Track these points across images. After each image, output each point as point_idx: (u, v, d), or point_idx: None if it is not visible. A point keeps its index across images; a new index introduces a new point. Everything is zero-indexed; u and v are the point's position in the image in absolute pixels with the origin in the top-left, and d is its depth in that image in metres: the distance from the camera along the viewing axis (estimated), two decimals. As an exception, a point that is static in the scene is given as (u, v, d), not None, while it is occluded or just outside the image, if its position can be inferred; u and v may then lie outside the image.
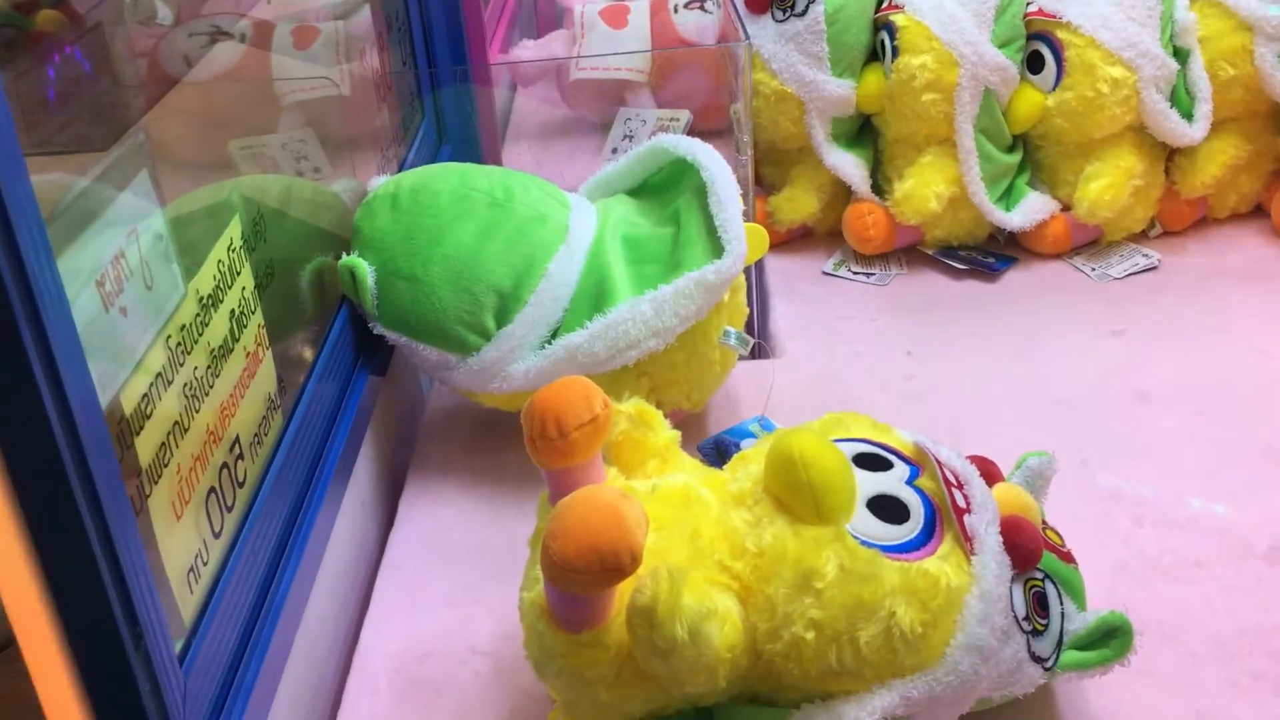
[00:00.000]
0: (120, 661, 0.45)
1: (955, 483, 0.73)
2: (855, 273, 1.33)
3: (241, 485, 0.74)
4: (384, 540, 0.98)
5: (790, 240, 1.39)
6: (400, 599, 0.92)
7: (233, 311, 0.74)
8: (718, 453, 1.02)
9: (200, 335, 0.68)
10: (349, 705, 0.82)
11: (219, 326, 0.71)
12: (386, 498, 1.04)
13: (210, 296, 0.70)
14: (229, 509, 0.71)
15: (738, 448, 1.02)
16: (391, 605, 0.91)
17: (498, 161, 1.53)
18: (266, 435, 0.79)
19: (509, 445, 1.05)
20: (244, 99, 0.98)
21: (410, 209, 1.00)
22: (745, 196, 1.25)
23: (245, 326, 0.76)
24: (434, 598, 0.91)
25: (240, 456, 0.74)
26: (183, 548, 0.64)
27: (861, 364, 1.17)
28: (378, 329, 0.99)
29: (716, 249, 0.97)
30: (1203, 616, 0.83)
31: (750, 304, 1.26)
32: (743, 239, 0.97)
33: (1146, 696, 0.77)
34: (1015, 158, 1.32)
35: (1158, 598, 0.85)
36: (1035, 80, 1.28)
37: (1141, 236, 1.35)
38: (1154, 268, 1.29)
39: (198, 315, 0.68)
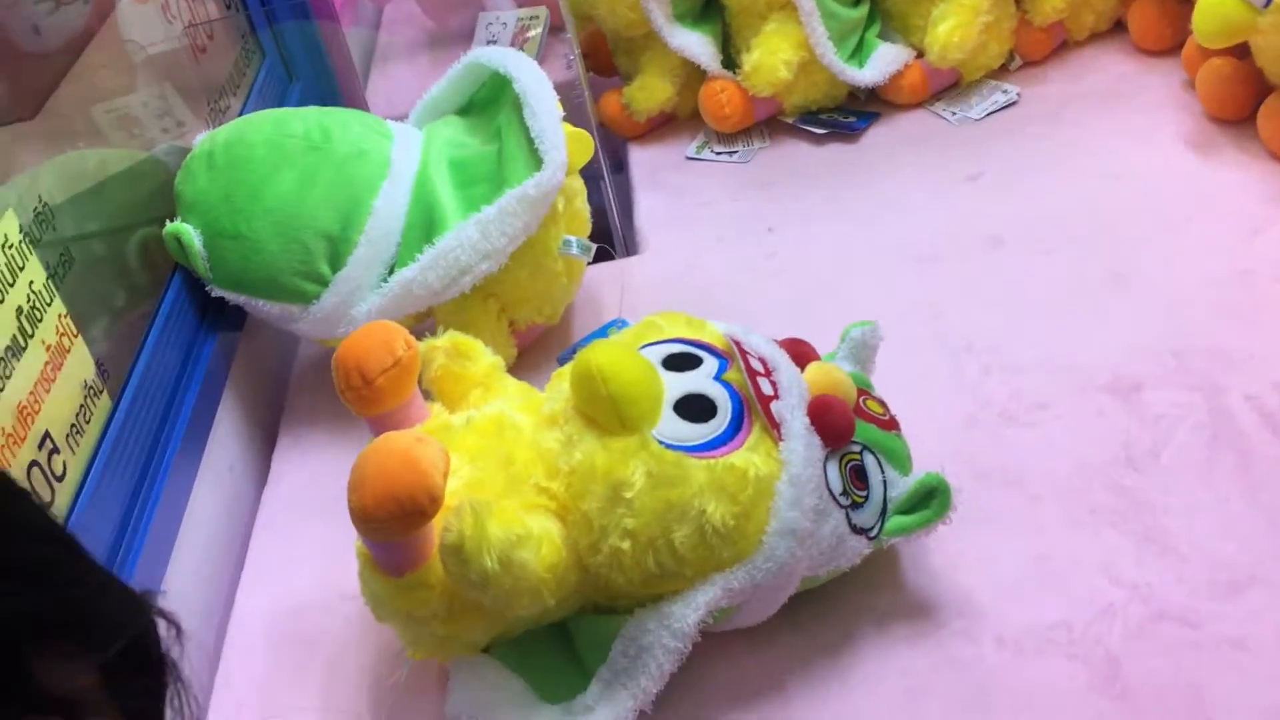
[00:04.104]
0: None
1: (762, 370, 0.73)
2: (718, 153, 1.31)
3: (61, 479, 0.74)
4: (259, 497, 0.99)
5: (652, 129, 1.37)
6: (274, 556, 0.93)
7: (19, 309, 0.73)
8: (578, 362, 1.02)
9: (-25, 342, 0.68)
10: (223, 670, 0.84)
11: (2, 328, 0.71)
12: (259, 456, 1.05)
13: (-17, 300, 0.69)
14: (48, 504, 0.72)
15: (597, 354, 1.02)
16: (265, 564, 0.92)
17: (357, 91, 1.50)
18: (88, 423, 0.79)
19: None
20: (101, 61, 0.97)
21: (227, 166, 0.98)
22: (581, 97, 1.24)
23: (40, 320, 0.75)
24: (308, 551, 0.92)
25: (55, 450, 0.74)
26: (-12, 556, 0.65)
27: (723, 249, 1.16)
28: (215, 291, 0.98)
29: (537, 161, 0.95)
30: (1046, 457, 0.85)
31: (608, 203, 1.25)
32: (561, 148, 0.95)
33: (987, 543, 0.79)
34: (861, 11, 1.29)
35: (1002, 444, 0.87)
36: (870, -72, 1.25)
37: (1003, 72, 1.33)
38: (1014, 103, 1.28)
39: (-32, 323, 0.67)
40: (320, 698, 0.80)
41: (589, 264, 1.05)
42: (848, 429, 0.73)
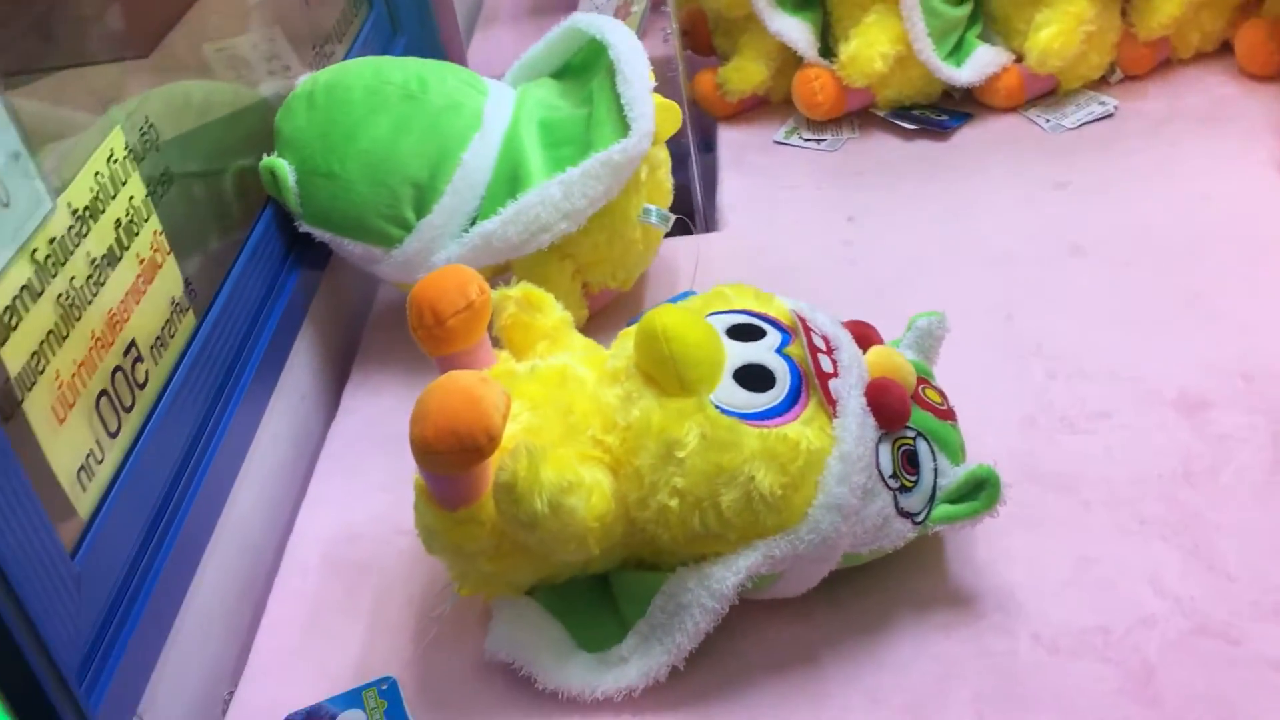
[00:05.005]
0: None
1: (824, 348, 0.74)
2: (806, 140, 1.32)
3: (142, 386, 0.77)
4: (327, 430, 1.02)
5: (744, 110, 1.38)
6: (337, 487, 0.96)
7: (119, 221, 0.76)
8: (646, 329, 1.03)
9: (76, 246, 0.71)
10: (279, 586, 0.87)
11: (100, 236, 0.74)
12: (331, 389, 1.08)
13: (87, 209, 0.73)
14: (127, 409, 0.75)
15: (666, 323, 1.03)
16: (328, 493, 0.95)
17: (459, 49, 1.53)
18: (173, 337, 0.82)
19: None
20: (216, 5, 1.00)
21: (326, 106, 1.01)
22: (675, 71, 1.25)
23: (137, 234, 0.79)
24: (369, 485, 0.95)
25: (139, 359, 0.77)
26: (69, 450, 0.68)
27: (800, 233, 1.17)
28: (303, 227, 1.02)
29: (625, 128, 0.97)
30: (1102, 465, 0.84)
31: (692, 179, 1.26)
32: (650, 116, 0.97)
33: (1033, 542, 0.79)
34: (964, 10, 1.28)
35: (1059, 449, 0.86)
36: (982, -73, 1.24)
37: (1102, 83, 1.31)
38: (1110, 115, 1.26)
39: (71, 227, 0.71)
40: (366, 621, 0.82)
41: (666, 235, 1.06)
42: (903, 413, 0.73)
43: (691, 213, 1.26)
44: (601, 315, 1.07)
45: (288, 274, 1.02)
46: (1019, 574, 0.77)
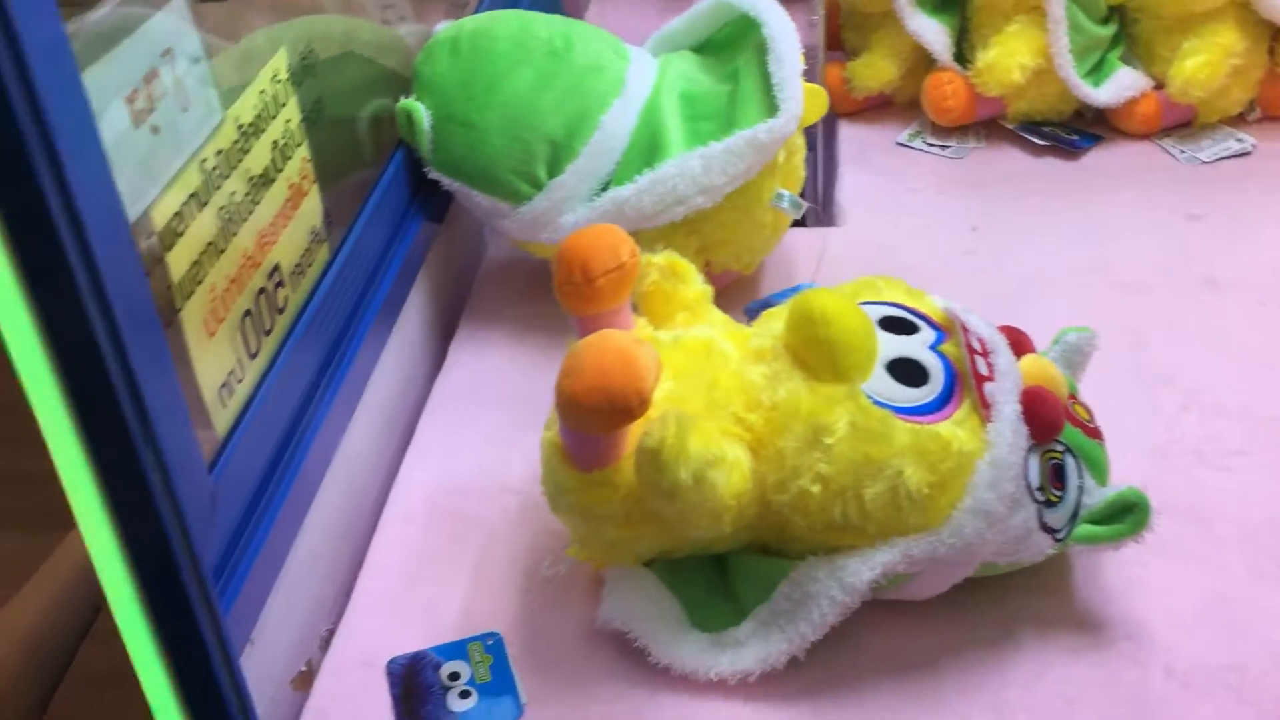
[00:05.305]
0: (128, 450, 0.48)
1: (980, 350, 0.72)
2: (930, 144, 1.30)
3: (281, 311, 0.76)
4: (431, 381, 1.01)
5: (867, 108, 1.36)
6: (440, 438, 0.95)
7: (275, 142, 0.75)
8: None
9: (239, 162, 0.70)
10: (383, 530, 0.86)
11: (259, 155, 0.73)
12: (437, 341, 1.07)
13: (251, 125, 0.72)
14: (266, 332, 0.74)
15: (784, 311, 1.01)
16: (431, 443, 0.94)
17: (579, 13, 1.52)
18: (309, 267, 0.81)
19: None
20: None
21: (469, 55, 1.00)
22: (814, 60, 1.23)
23: (289, 158, 0.78)
24: (472, 439, 0.94)
25: (280, 284, 0.76)
26: (215, 364, 0.67)
27: (924, 237, 1.15)
28: (432, 173, 1.00)
29: (772, 108, 0.95)
30: (1236, 503, 0.82)
31: (815, 170, 1.24)
32: (799, 99, 0.95)
33: (1166, 574, 0.77)
34: (1109, 30, 1.25)
35: (1193, 482, 0.84)
36: (1137, -53, 1.21)
37: (1239, 120, 1.28)
38: (1247, 153, 1.23)
39: (236, 142, 0.70)
40: (470, 574, 0.81)
41: (796, 223, 1.04)
42: (1057, 424, 0.71)
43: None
44: (717, 297, 1.05)
45: (411, 219, 1.01)
46: (1150, 604, 0.75)
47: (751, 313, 1.03)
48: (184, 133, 0.63)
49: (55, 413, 0.47)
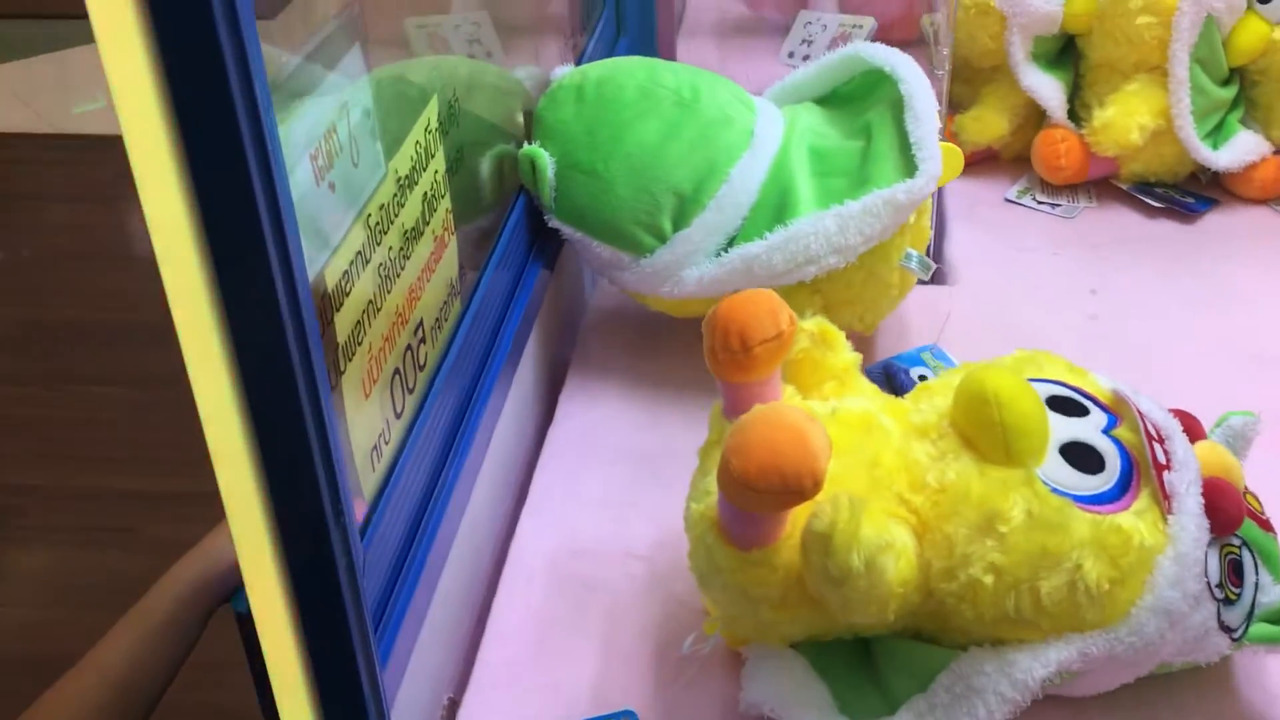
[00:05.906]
0: (320, 529, 0.46)
1: (1156, 436, 0.69)
2: (1040, 202, 1.27)
3: (422, 368, 0.74)
4: (541, 434, 0.98)
5: (973, 163, 1.33)
6: (554, 495, 0.92)
7: (425, 194, 0.73)
8: (886, 378, 0.99)
9: (396, 216, 0.68)
10: (504, 594, 0.83)
11: (413, 208, 0.71)
12: (546, 392, 1.04)
13: (407, 177, 0.70)
14: (410, 390, 0.72)
15: (907, 375, 0.99)
16: (546, 500, 0.91)
17: (673, 57, 1.50)
18: (446, 320, 0.79)
19: (670, 350, 1.04)
20: None
21: (595, 102, 0.98)
22: (939, 114, 1.20)
23: (435, 210, 0.75)
24: (587, 496, 0.91)
25: (423, 340, 0.74)
26: (368, 426, 0.65)
27: (1041, 299, 1.12)
28: (553, 222, 0.98)
29: (908, 167, 0.92)
30: (1401, 601, 0.78)
31: (929, 228, 1.21)
32: (938, 159, 0.92)
33: (1333, 678, 0.73)
34: (1230, 92, 1.23)
35: (1353, 576, 0.80)
36: (1263, 10, 1.19)
37: (1358, 187, 1.25)
38: (1367, 222, 1.20)
39: (395, 195, 0.68)
40: (599, 645, 0.78)
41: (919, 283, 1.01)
42: (1238, 518, 0.68)
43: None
44: (835, 356, 1.03)
45: (531, 269, 0.98)
46: (1321, 708, 0.71)
47: (872, 374, 1.00)
48: (355, 188, 0.61)
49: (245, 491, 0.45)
